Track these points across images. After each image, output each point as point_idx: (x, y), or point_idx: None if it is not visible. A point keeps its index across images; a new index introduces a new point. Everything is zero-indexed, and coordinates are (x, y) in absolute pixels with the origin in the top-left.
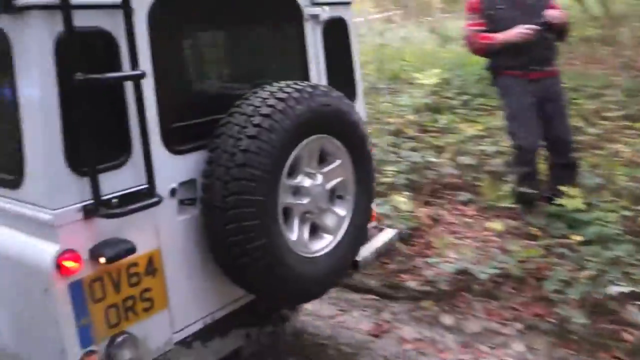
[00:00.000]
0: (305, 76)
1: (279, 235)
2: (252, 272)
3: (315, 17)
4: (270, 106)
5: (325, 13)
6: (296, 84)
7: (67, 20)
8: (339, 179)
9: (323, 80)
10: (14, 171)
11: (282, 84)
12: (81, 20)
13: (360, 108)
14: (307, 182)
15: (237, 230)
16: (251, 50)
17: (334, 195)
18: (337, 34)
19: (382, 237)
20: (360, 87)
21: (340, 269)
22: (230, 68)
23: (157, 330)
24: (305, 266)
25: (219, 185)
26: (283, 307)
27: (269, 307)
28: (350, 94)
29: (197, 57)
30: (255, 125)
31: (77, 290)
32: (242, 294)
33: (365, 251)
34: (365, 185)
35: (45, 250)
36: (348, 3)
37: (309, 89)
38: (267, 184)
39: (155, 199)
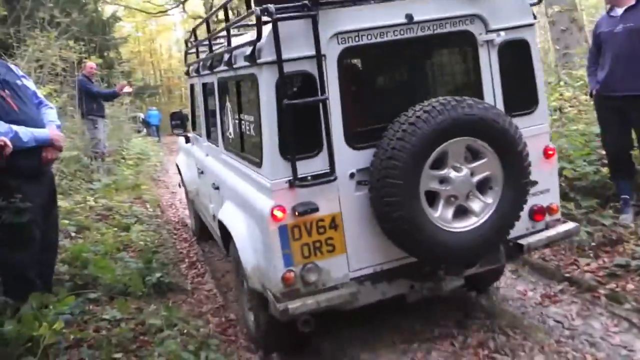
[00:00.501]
0: (477, 93)
1: (419, 210)
2: (398, 235)
3: (489, 42)
4: (417, 116)
5: (500, 38)
6: (445, 99)
7: (280, 69)
8: (486, 173)
9: (498, 96)
10: (259, 157)
11: (434, 99)
12: (292, 67)
13: (543, 119)
14: (452, 173)
15: (385, 203)
16: (423, 75)
17: (487, 186)
18: (517, 54)
19: (559, 228)
20: (543, 100)
21: (482, 245)
22: (402, 90)
23: (336, 266)
24: (445, 236)
25: (375, 171)
26: (439, 268)
27: (432, 268)
28: (530, 106)
29: (374, 84)
30: (403, 130)
31: (283, 231)
32: (406, 255)
33: (534, 238)
34: (513, 179)
35: (266, 204)
36: (530, 25)
37: (454, 102)
38: (406, 172)
39: (331, 177)
